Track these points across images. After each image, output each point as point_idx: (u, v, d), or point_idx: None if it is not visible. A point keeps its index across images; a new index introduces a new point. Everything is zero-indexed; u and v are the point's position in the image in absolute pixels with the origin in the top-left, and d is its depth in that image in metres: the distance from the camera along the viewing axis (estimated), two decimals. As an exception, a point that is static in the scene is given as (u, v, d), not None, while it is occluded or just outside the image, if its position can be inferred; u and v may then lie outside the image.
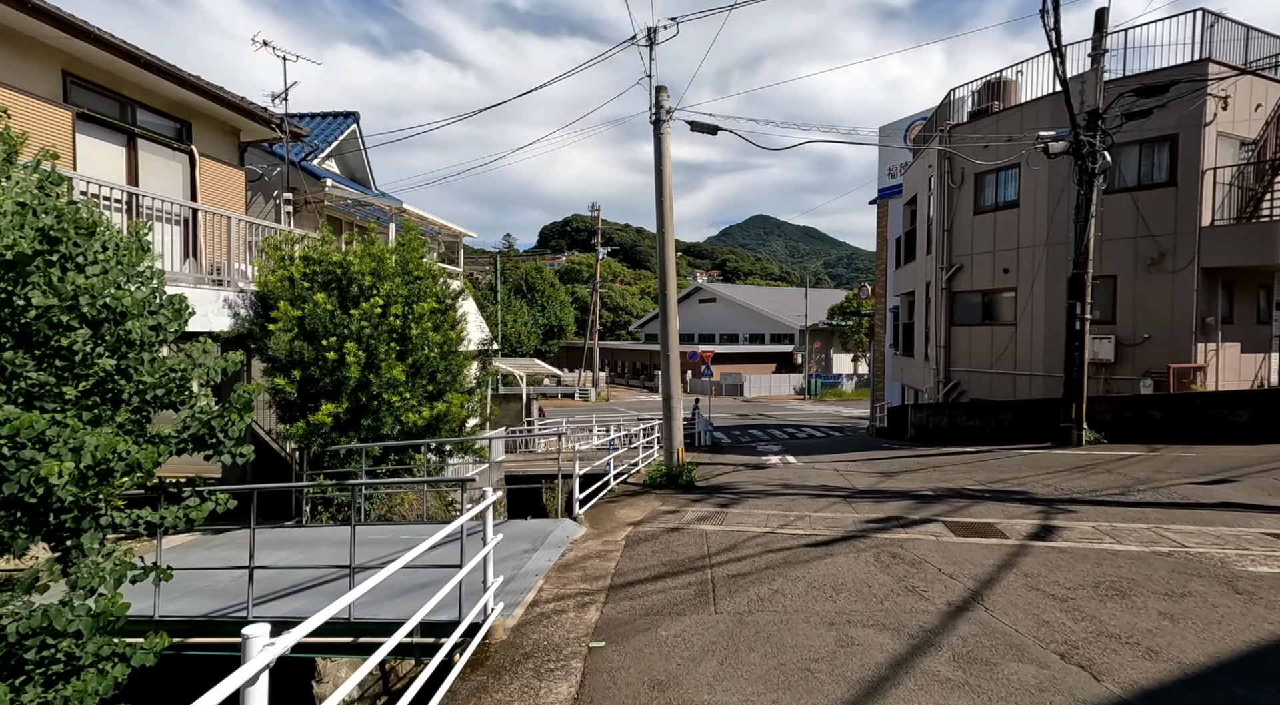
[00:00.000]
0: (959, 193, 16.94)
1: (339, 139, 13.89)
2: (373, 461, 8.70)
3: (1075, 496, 8.66)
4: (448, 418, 9.02)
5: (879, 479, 11.06)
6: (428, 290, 9.36)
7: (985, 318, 16.46)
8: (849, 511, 8.30)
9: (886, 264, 27.21)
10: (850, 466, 12.88)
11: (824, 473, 12.21)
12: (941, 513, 8.00)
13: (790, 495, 9.64)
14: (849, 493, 9.72)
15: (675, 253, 10.73)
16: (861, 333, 55.48)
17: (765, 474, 12.46)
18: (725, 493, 10.08)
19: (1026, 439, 14.06)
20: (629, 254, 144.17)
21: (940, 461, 12.61)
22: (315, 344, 7.94)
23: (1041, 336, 14.92)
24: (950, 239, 17.20)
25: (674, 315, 10.78)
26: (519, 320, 56.25)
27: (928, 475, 11.13)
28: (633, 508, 8.95)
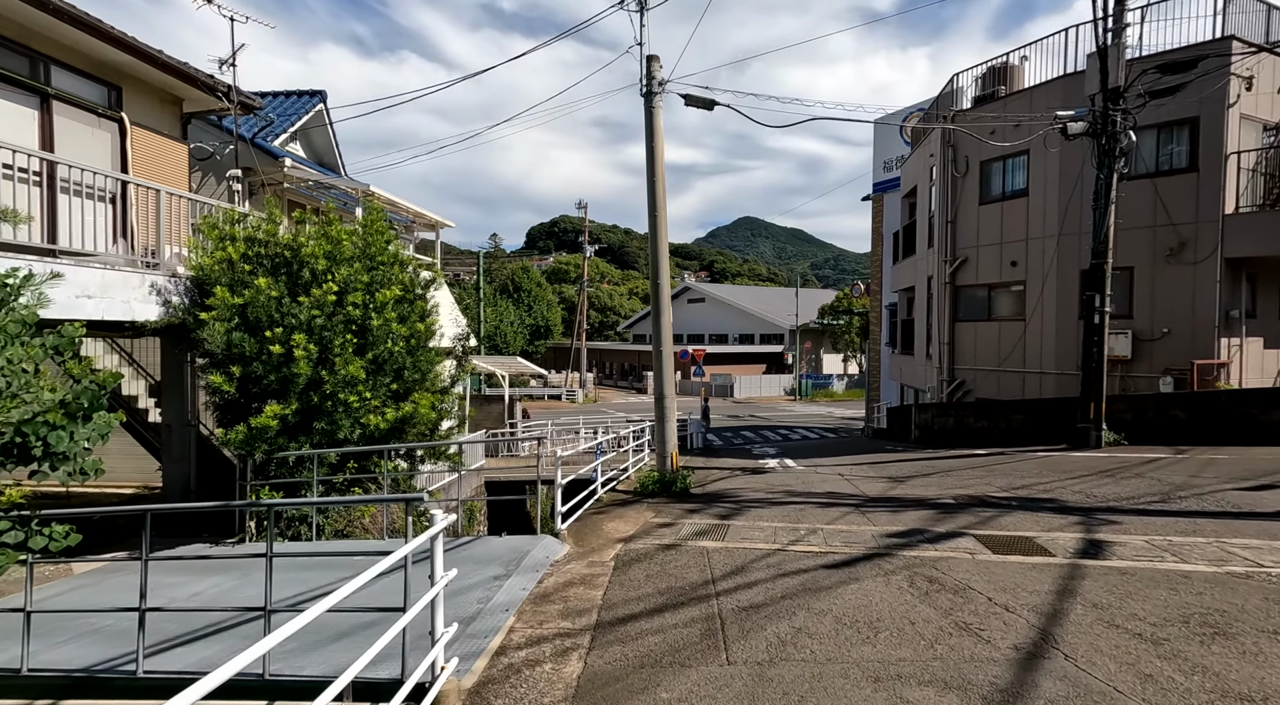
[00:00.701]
0: (963, 182, 16.16)
1: (303, 119, 12.83)
2: (328, 470, 7.68)
3: (1113, 504, 7.82)
4: (415, 420, 8.01)
5: (890, 485, 10.18)
6: (393, 278, 8.35)
7: (992, 313, 15.68)
8: (865, 523, 7.39)
9: (882, 260, 26.47)
10: (855, 471, 12.01)
11: (828, 478, 11.33)
12: (969, 525, 7.12)
13: (796, 504, 8.73)
14: (860, 501, 8.82)
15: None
16: (853, 332, 54.88)
17: (765, 479, 11.55)
18: (724, 501, 9.15)
19: (1039, 440, 13.27)
20: (617, 255, 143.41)
21: (951, 465, 11.77)
22: (258, 336, 6.91)
23: (1053, 332, 14.15)
24: (954, 231, 16.41)
25: (667, 307, 9.85)
26: (505, 320, 55.17)
27: (941, 481, 10.28)
28: (623, 520, 7.99)
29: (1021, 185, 14.90)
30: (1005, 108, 15.06)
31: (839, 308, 54.76)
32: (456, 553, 6.10)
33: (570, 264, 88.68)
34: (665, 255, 9.70)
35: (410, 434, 8.32)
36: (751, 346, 58.27)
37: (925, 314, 18.35)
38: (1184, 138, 12.63)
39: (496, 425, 17.12)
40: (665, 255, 9.70)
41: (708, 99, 9.77)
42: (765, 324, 59.62)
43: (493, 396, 17.48)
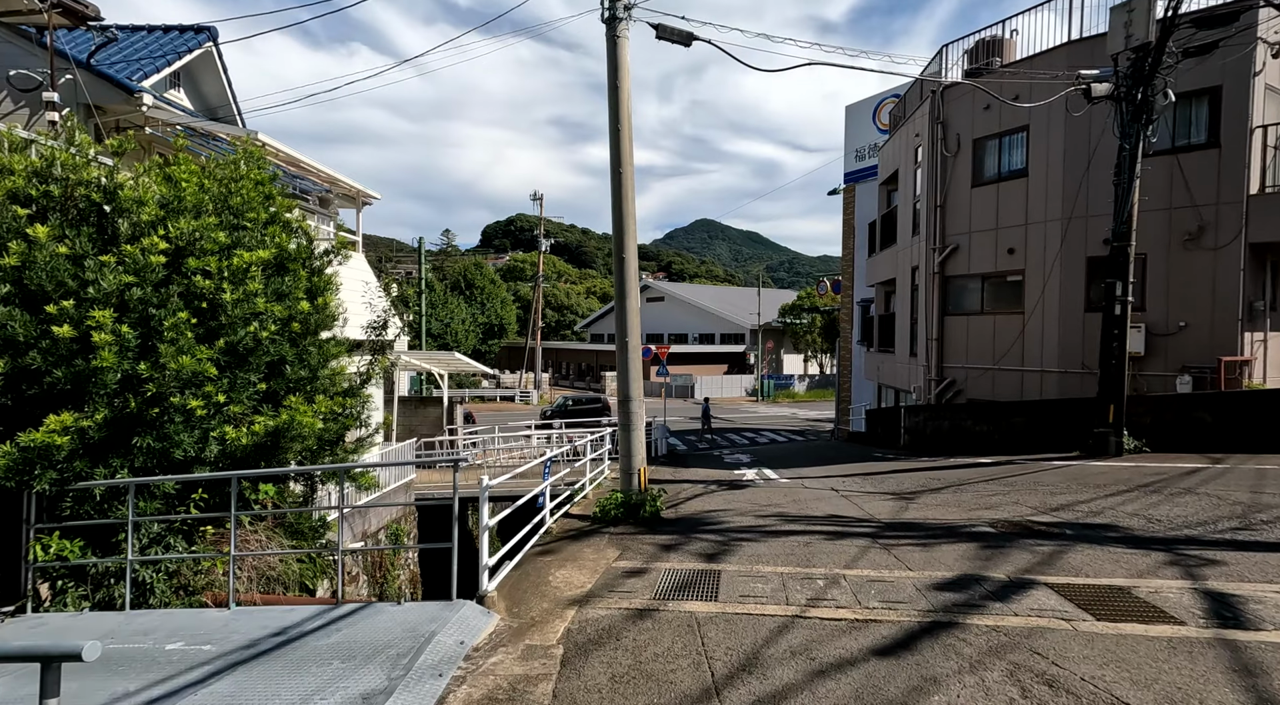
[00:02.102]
0: (954, 163, 14.76)
1: (184, 59, 10.43)
2: (163, 505, 5.47)
3: (1190, 534, 6.27)
4: (294, 431, 5.87)
5: (899, 504, 8.50)
6: (268, 240, 6.20)
7: (986, 306, 14.30)
8: (895, 565, 5.63)
9: (854, 254, 25.15)
10: (850, 484, 10.33)
11: (822, 494, 9.60)
12: (1032, 567, 5.42)
13: (797, 534, 6.92)
14: (874, 529, 7.08)
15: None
16: (815, 332, 54.09)
17: (747, 496, 9.75)
18: (706, 531, 7.28)
19: (1047, 446, 11.86)
20: (575, 254, 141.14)
21: (959, 477, 10.20)
22: (36, 311, 4.69)
23: (1055, 327, 12.80)
24: (943, 216, 15.00)
25: (634, 287, 7.93)
26: (456, 318, 52.38)
27: (957, 498, 8.65)
28: (577, 564, 6.02)
29: (1020, 164, 13.53)
30: (1002, 81, 13.67)
31: (801, 306, 53.89)
32: (318, 640, 4.03)
33: (526, 262, 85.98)
34: (632, 219, 7.78)
35: (291, 449, 6.18)
36: (712, 346, 56.91)
37: (909, 308, 16.93)
38: (1203, 110, 11.41)
39: (434, 431, 14.94)
40: (632, 219, 7.78)
41: (685, 32, 7.89)
42: (726, 323, 58.35)
43: (429, 399, 15.23)
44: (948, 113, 14.83)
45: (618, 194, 7.70)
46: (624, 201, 7.72)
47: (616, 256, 7.87)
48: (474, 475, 13.37)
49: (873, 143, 24.32)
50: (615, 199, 7.76)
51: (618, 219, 7.77)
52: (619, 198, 7.71)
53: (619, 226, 7.78)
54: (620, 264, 7.86)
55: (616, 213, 7.77)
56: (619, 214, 7.76)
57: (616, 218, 7.77)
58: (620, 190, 7.70)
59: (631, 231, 7.82)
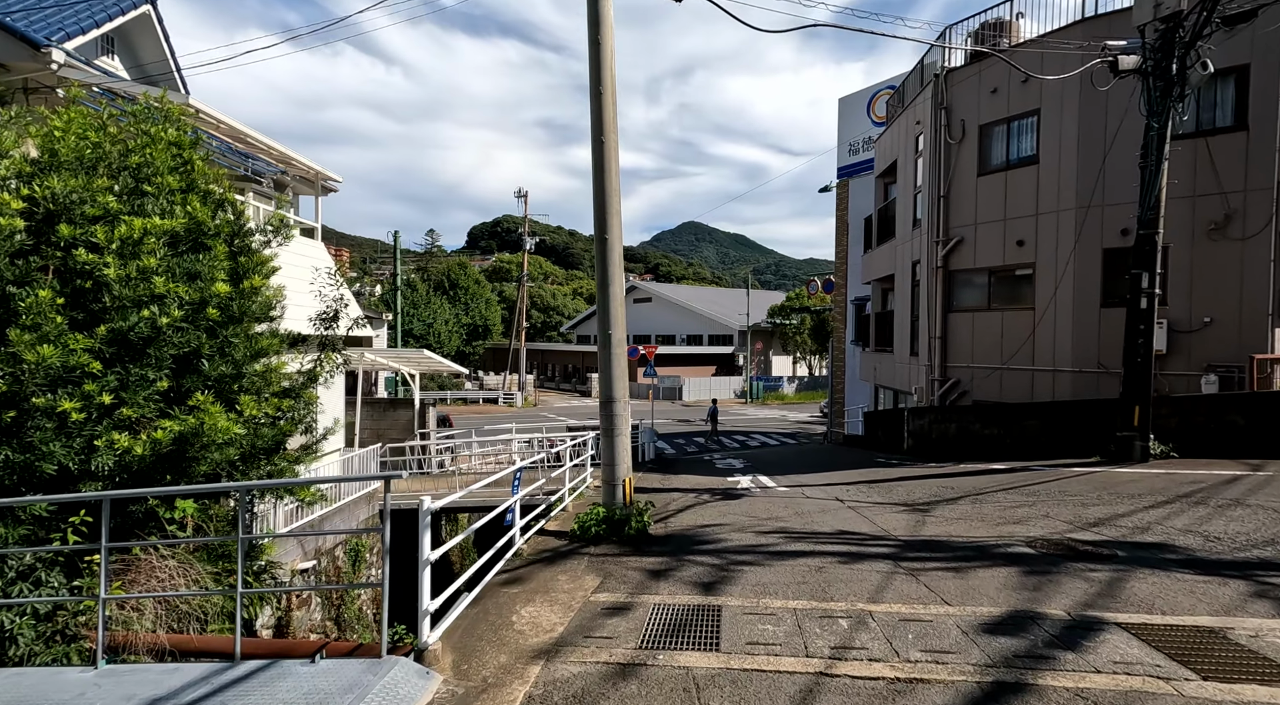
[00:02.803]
0: (958, 151, 13.95)
1: (116, 21, 9.32)
2: (31, 528, 4.41)
3: (1260, 555, 5.42)
4: (206, 439, 4.84)
5: (914, 517, 7.60)
6: (178, 210, 5.16)
7: (993, 302, 13.49)
8: (928, 596, 4.70)
9: (848, 250, 24.36)
10: (856, 494, 9.42)
11: (826, 505, 8.68)
12: (1095, 600, 4.52)
13: (806, 556, 5.98)
14: (894, 548, 6.16)
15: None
16: (805, 333, 53.42)
17: (744, 507, 8.81)
18: (701, 551, 6.32)
19: (1064, 451, 11.04)
20: (562, 256, 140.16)
21: (974, 485, 9.33)
22: None
23: (1069, 323, 12.00)
24: (947, 207, 14.18)
25: (618, 275, 6.96)
26: (440, 319, 51.18)
27: (978, 509, 7.77)
28: (549, 597, 5.04)
29: (1030, 151, 12.74)
30: (1011, 61, 12.87)
31: (790, 307, 53.22)
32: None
33: (512, 263, 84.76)
34: (616, 195, 6.80)
35: (204, 461, 5.14)
36: (700, 347, 56.08)
37: (909, 305, 16.10)
38: (1230, 90, 10.65)
39: (404, 435, 13.86)
40: (616, 195, 6.80)
41: (676, -17, 6.94)
42: (714, 324, 57.54)
43: (399, 400, 14.13)
44: (952, 98, 14.02)
45: (599, 165, 6.73)
46: (606, 174, 6.75)
47: (598, 237, 6.89)
48: (446, 484, 12.32)
49: (867, 136, 23.56)
50: (596, 171, 6.79)
51: (599, 194, 6.80)
52: (601, 170, 6.74)
53: (601, 202, 6.81)
54: (602, 246, 6.89)
55: (598, 187, 6.80)
56: (601, 188, 6.79)
57: (598, 193, 6.80)
58: (602, 161, 6.73)
59: (615, 209, 6.85)
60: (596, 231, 6.90)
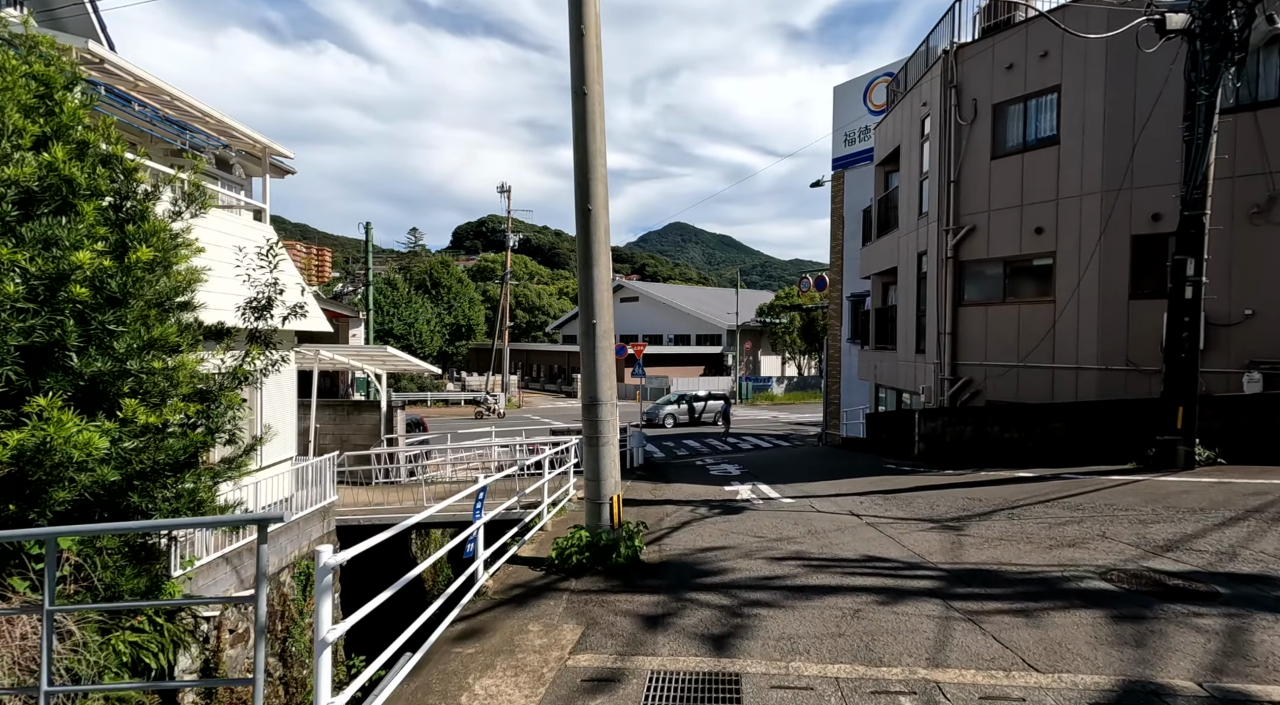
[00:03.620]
0: (970, 132, 12.98)
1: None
2: None
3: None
4: (56, 458, 3.65)
5: (947, 537, 6.55)
6: (30, 158, 3.96)
7: (1009, 294, 12.52)
8: (1003, 656, 3.63)
9: (843, 245, 23.41)
10: (871, 506, 8.37)
11: (841, 521, 7.61)
12: (1226, 663, 3.48)
13: (835, 593, 4.90)
14: (937, 580, 5.09)
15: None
16: (794, 332, 52.58)
17: (749, 524, 7.71)
18: (704, 586, 5.21)
19: (1093, 456, 10.08)
20: (547, 256, 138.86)
21: (1004, 497, 8.31)
22: None
23: (1094, 316, 11.05)
24: (957, 193, 13.21)
25: (603, 255, 5.84)
26: (421, 318, 49.77)
27: (1020, 528, 6.73)
28: (514, 660, 3.90)
29: (1050, 131, 11.78)
30: (1028, 35, 11.93)
31: (780, 306, 52.38)
32: None
33: (497, 263, 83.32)
34: (601, 157, 5.68)
35: (64, 486, 3.95)
36: (688, 347, 55.08)
37: (914, 299, 15.13)
38: (1274, 60, 9.74)
39: (369, 442, 12.62)
40: (601, 157, 5.68)
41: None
42: (702, 324, 56.57)
43: (365, 403, 12.86)
44: (963, 75, 13.05)
45: (581, 120, 5.61)
46: (590, 131, 5.63)
47: (579, 207, 5.76)
48: (412, 495, 11.10)
49: (863, 126, 22.62)
50: (578, 128, 5.66)
51: (581, 155, 5.67)
52: (583, 125, 5.61)
53: (583, 165, 5.68)
54: (585, 219, 5.76)
55: (580, 147, 5.67)
56: (583, 148, 5.66)
57: (580, 153, 5.67)
58: (585, 116, 5.60)
59: (600, 174, 5.72)
60: (578, 201, 5.77)
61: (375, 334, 50.58)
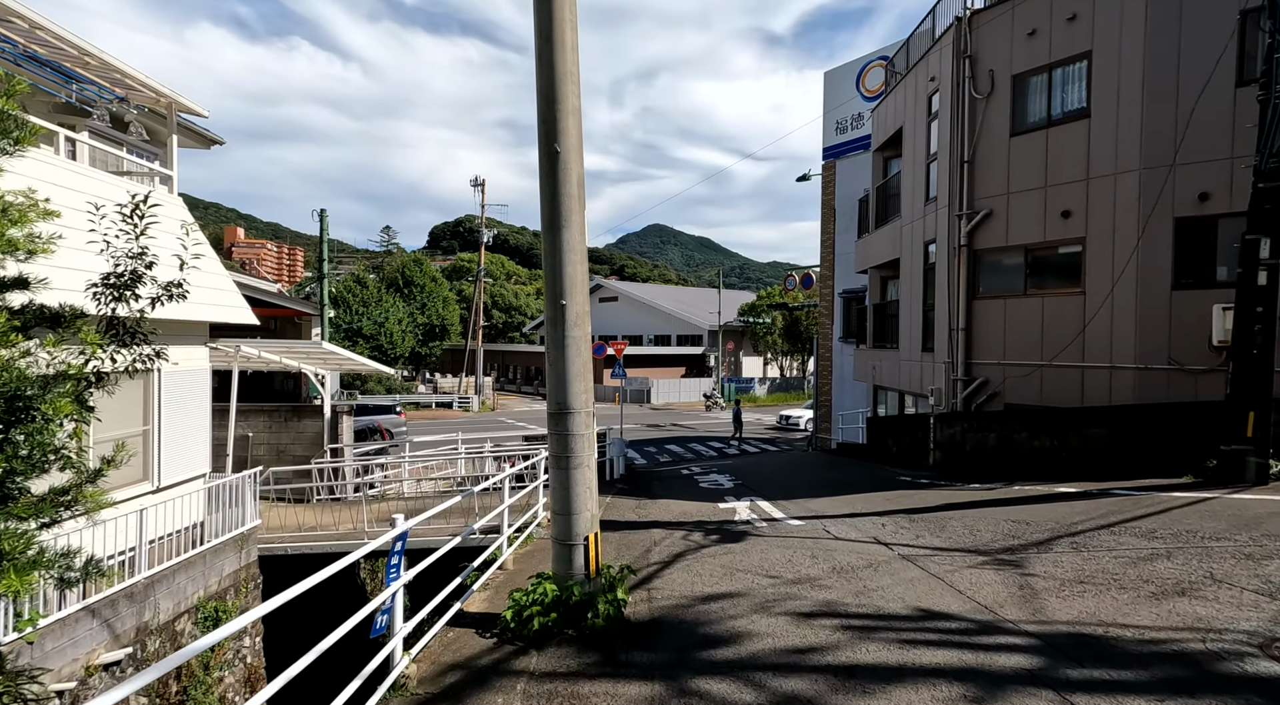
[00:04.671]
0: (986, 107, 11.75)
1: None
2: None
3: None
4: None
5: (1008, 577, 5.18)
6: None
7: (1031, 286, 11.30)
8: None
9: (835, 239, 22.19)
10: (898, 531, 6.99)
11: (869, 553, 6.22)
12: None
13: (896, 678, 3.48)
14: (1031, 653, 3.70)
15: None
16: (776, 333, 51.53)
17: (756, 557, 6.27)
18: (715, 670, 3.76)
19: (1140, 467, 8.85)
20: (525, 256, 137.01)
21: (1055, 519, 6.99)
22: None
23: (1131, 308, 9.85)
24: (972, 175, 11.97)
25: (575, 216, 4.37)
26: (392, 318, 47.79)
27: (1097, 564, 5.39)
28: None
29: (1079, 102, 10.58)
30: (1053, -3, 10.72)
31: (762, 305, 51.28)
32: None
33: (473, 262, 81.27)
34: (572, 78, 4.20)
35: None
36: (669, 348, 53.72)
37: (920, 293, 13.88)
38: (1341, 19, 8.59)
39: (310, 452, 10.95)
40: (572, 78, 4.20)
41: None
42: (683, 324, 55.26)
43: (305, 408, 11.14)
44: (977, 44, 11.82)
45: (546, 32, 4.12)
46: (558, 48, 4.14)
47: (543, 150, 4.28)
48: (352, 522, 9.48)
49: (857, 112, 21.44)
50: (541, 44, 4.17)
51: (546, 81, 4.18)
52: (548, 40, 4.13)
53: (548, 95, 4.19)
54: (552, 163, 4.28)
55: (545, 71, 4.18)
56: (549, 72, 4.17)
57: (544, 80, 4.17)
58: (551, 25, 4.12)
59: (571, 105, 4.24)
60: (542, 142, 4.29)
61: (344, 334, 48.41)
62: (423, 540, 8.09)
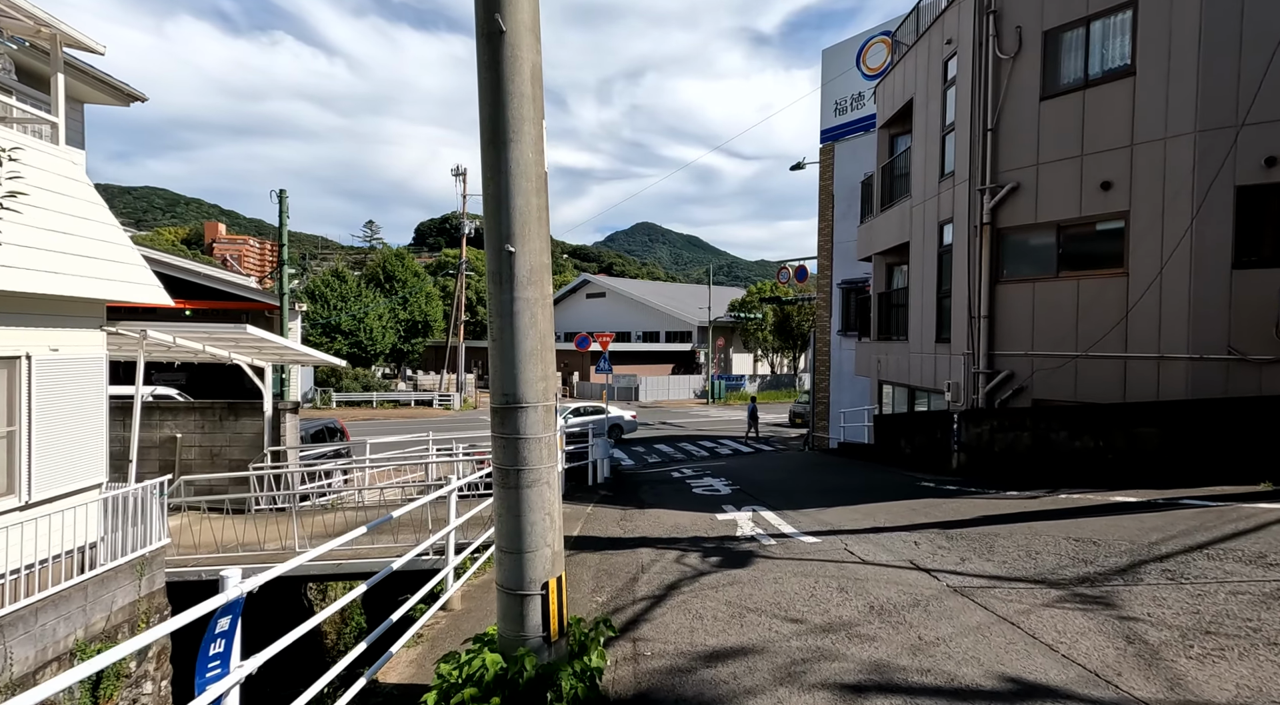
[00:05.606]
0: (1013, 69, 10.54)
1: None
2: None
3: None
4: None
5: (1108, 624, 3.92)
6: None
7: (1065, 267, 10.10)
8: None
9: (833, 226, 20.98)
10: (937, 552, 5.73)
11: (911, 584, 4.94)
12: None
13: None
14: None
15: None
16: (767, 329, 50.43)
17: (770, 593, 4.97)
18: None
19: (1203, 472, 7.65)
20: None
21: (1127, 537, 5.76)
22: None
23: (1184, 291, 8.66)
24: (996, 145, 10.76)
25: (530, 129, 3.03)
26: (372, 314, 46.18)
27: (1215, 603, 4.16)
28: None
29: (1122, 59, 9.38)
30: (1091, -59, 9.50)
31: (753, 300, 50.11)
32: None
33: (458, 258, 79.51)
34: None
35: None
36: (657, 344, 52.43)
37: (933, 279, 12.67)
38: None
39: (248, 456, 9.51)
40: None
41: None
42: (672, 320, 54.02)
43: (243, 406, 9.66)
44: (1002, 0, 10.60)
45: None
46: None
47: (481, 29, 2.94)
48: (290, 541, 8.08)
49: (856, 92, 20.23)
50: None
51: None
52: None
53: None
54: (494, 51, 2.94)
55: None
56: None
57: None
58: None
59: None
60: (480, 15, 2.95)
61: (321, 330, 46.56)
62: (362, 563, 6.74)
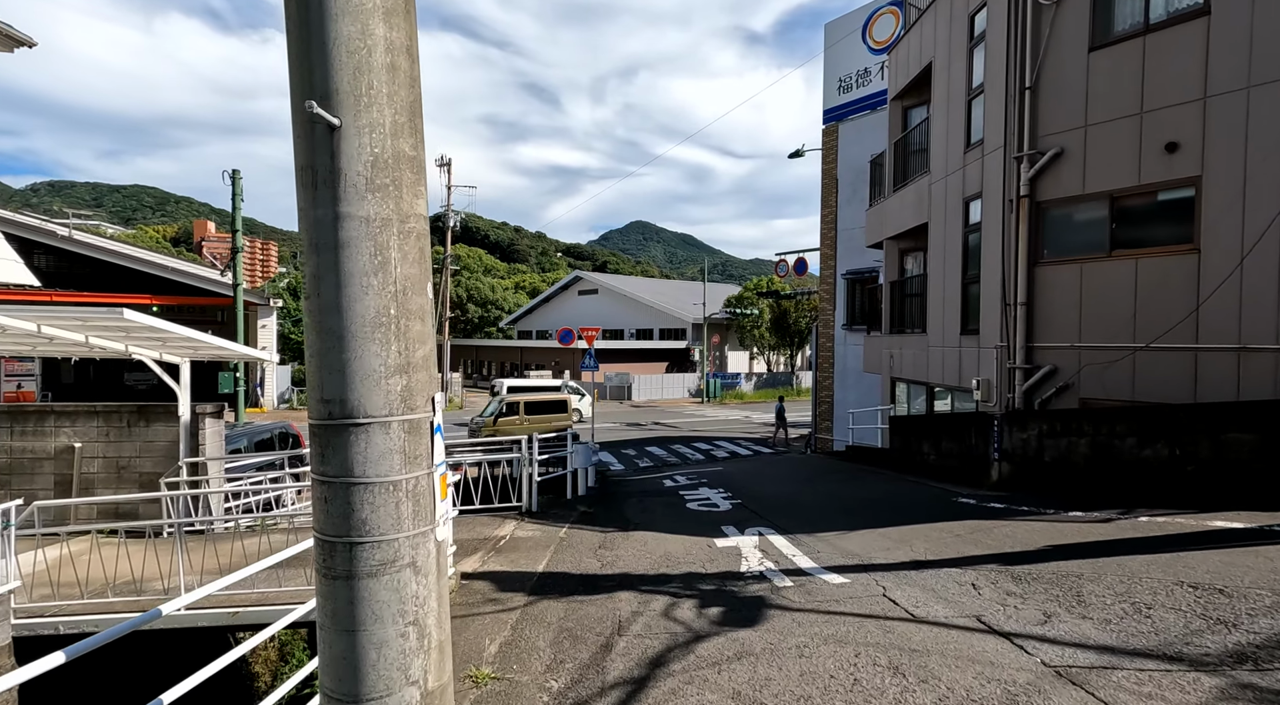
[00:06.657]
0: (1055, 17, 9.11)
1: None
2: None
3: None
4: None
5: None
6: None
7: (1119, 245, 8.68)
8: None
9: (837, 213, 19.53)
10: (1009, 601, 4.26)
11: (994, 662, 3.46)
12: None
13: None
14: None
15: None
16: (763, 326, 48.99)
17: (794, 678, 3.47)
18: None
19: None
20: (506, 251, 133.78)
21: (1259, 579, 4.31)
22: None
23: (1276, 268, 7.24)
24: (1035, 106, 9.33)
25: None
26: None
27: None
28: None
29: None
30: None
31: (749, 295, 48.65)
32: None
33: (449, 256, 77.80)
34: None
35: None
36: (650, 342, 50.94)
37: (957, 263, 11.25)
38: None
39: (160, 468, 8.01)
40: None
41: None
42: (665, 318, 52.54)
43: (153, 409, 8.13)
44: (1044, -64, 9.15)
45: None
46: None
47: None
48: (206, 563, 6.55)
49: (862, 68, 18.79)
50: None
51: None
52: None
53: None
54: None
55: None
56: None
57: None
58: None
59: None
60: None
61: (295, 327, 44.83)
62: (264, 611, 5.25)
